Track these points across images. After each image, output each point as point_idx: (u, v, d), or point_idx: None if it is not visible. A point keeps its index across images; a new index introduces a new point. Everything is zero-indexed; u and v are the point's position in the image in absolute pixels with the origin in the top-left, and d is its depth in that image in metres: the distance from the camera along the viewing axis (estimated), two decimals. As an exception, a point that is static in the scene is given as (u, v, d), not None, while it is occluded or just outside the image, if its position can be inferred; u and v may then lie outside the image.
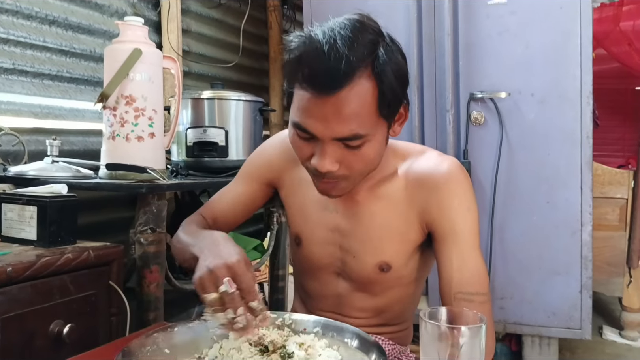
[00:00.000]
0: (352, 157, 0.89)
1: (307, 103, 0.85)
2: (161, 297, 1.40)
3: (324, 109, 0.84)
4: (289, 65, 0.89)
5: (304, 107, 0.86)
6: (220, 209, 1.16)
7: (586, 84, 2.13)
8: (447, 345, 0.67)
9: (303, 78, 0.84)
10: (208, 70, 2.64)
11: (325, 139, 0.87)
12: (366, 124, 0.86)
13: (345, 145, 0.87)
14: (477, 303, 0.91)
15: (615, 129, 4.22)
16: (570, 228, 2.21)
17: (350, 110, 0.84)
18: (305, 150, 0.91)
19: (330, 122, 0.84)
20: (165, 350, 0.83)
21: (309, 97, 0.84)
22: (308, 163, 0.91)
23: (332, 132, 0.85)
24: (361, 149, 0.88)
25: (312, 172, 0.93)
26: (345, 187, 0.94)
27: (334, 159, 0.88)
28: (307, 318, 0.92)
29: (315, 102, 0.84)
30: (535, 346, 2.41)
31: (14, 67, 1.67)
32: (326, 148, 0.87)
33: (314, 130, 0.86)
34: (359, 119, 0.85)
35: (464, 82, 2.28)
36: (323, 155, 0.88)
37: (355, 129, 0.85)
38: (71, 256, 1.13)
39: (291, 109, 0.91)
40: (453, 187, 0.97)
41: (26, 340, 1.04)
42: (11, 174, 1.46)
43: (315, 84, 0.83)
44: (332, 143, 0.87)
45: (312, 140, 0.89)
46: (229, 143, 1.83)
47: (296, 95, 0.88)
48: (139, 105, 1.41)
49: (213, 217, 1.15)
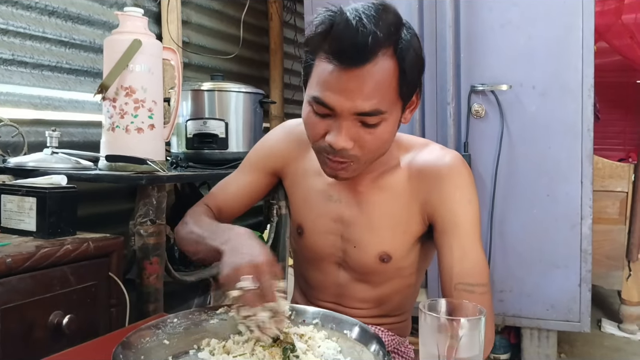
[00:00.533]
0: (368, 136, 0.89)
1: (329, 76, 0.86)
2: (161, 288, 1.41)
3: (347, 82, 0.85)
4: (312, 39, 0.89)
5: (325, 81, 0.86)
6: (225, 198, 1.16)
7: (588, 77, 2.12)
8: (446, 337, 0.67)
9: (329, 50, 0.85)
10: (208, 61, 2.63)
11: (344, 114, 0.87)
12: (386, 101, 0.87)
13: (362, 122, 0.88)
14: (478, 294, 0.92)
15: (616, 122, 4.22)
16: (570, 221, 2.22)
17: (374, 85, 0.85)
18: (320, 127, 0.91)
19: (353, 95, 0.85)
20: (165, 341, 0.83)
21: (332, 70, 0.85)
22: (321, 141, 0.91)
23: (353, 106, 0.86)
24: (377, 127, 0.89)
25: (323, 150, 0.92)
26: (355, 169, 0.94)
27: (349, 136, 0.89)
28: (306, 309, 0.92)
29: (338, 75, 0.85)
30: (534, 339, 2.42)
31: (13, 58, 1.67)
32: (343, 124, 0.88)
33: (334, 104, 0.86)
34: (380, 95, 0.86)
35: (465, 75, 2.27)
36: (339, 131, 0.88)
37: (376, 104, 0.86)
38: (71, 247, 1.13)
39: (309, 84, 0.91)
40: (455, 180, 0.97)
41: (26, 331, 1.04)
42: (10, 165, 1.46)
43: (341, 56, 0.84)
44: (350, 119, 0.87)
45: (328, 117, 0.89)
46: (229, 135, 1.83)
47: (317, 70, 0.88)
48: (139, 97, 1.41)
49: (217, 207, 1.15)
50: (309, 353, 0.81)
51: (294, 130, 1.13)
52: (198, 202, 1.16)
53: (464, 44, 2.25)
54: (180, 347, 0.84)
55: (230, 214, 1.17)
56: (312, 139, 0.94)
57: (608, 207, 2.86)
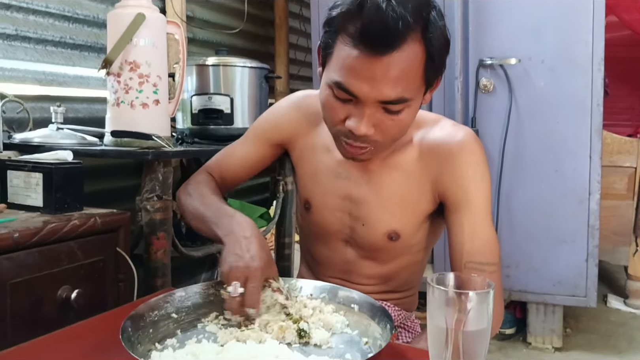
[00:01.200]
0: (390, 122, 0.87)
1: (354, 62, 0.82)
2: (168, 263, 1.41)
3: (373, 70, 0.81)
4: (335, 20, 0.85)
5: (349, 66, 0.83)
6: (228, 167, 1.15)
7: (598, 50, 2.09)
8: (454, 311, 0.67)
9: (355, 34, 0.81)
10: (212, 36, 2.60)
11: (368, 102, 0.84)
12: (412, 89, 0.85)
13: (385, 109, 0.86)
14: (488, 273, 0.91)
15: (625, 98, 4.15)
16: (578, 197, 2.21)
17: (400, 73, 0.82)
18: (340, 112, 0.88)
19: (379, 83, 0.82)
20: (173, 314, 0.84)
21: (357, 56, 0.81)
22: (340, 125, 0.89)
23: (378, 94, 0.83)
24: (400, 114, 0.87)
25: (343, 134, 0.90)
26: (374, 152, 0.93)
27: (371, 123, 0.86)
28: (313, 284, 0.92)
29: (364, 62, 0.81)
30: (540, 314, 2.43)
31: (17, 33, 1.65)
32: (366, 110, 0.85)
33: (358, 92, 0.83)
34: (406, 82, 0.83)
35: (473, 49, 2.24)
36: (361, 118, 0.86)
37: (402, 92, 0.83)
38: (78, 223, 1.14)
39: (330, 67, 0.87)
40: (467, 157, 0.96)
41: (34, 305, 1.05)
42: (16, 141, 1.46)
43: (369, 42, 0.80)
44: (373, 106, 0.85)
45: (349, 102, 0.87)
46: (235, 110, 1.81)
47: (340, 53, 0.84)
48: (143, 72, 1.39)
49: (221, 175, 1.14)
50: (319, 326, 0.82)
51: (302, 102, 1.12)
52: (200, 169, 1.16)
53: (473, 17, 2.22)
54: (188, 321, 0.85)
55: (232, 183, 1.17)
56: (331, 123, 0.92)
57: (616, 182, 2.84)
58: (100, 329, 0.84)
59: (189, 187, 1.09)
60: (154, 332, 0.79)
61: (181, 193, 1.09)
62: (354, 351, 0.77)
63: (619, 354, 2.40)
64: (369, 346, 0.78)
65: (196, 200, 1.03)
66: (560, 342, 2.44)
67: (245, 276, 0.81)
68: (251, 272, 0.82)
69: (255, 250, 0.85)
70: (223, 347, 0.75)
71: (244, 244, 0.85)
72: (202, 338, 0.80)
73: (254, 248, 0.85)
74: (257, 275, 0.82)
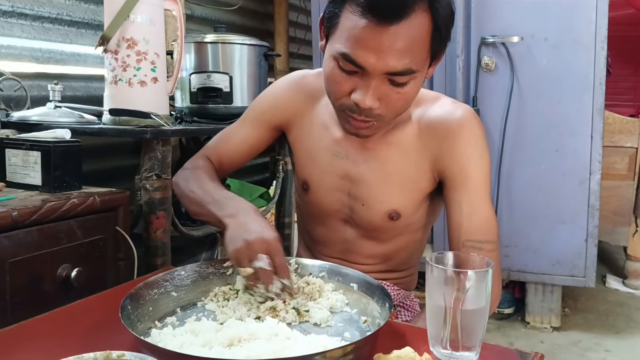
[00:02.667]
0: (395, 95, 0.86)
1: (361, 32, 0.81)
2: (168, 242, 1.41)
3: (381, 40, 0.80)
4: None
5: (356, 37, 0.82)
6: (226, 152, 1.14)
7: (601, 28, 2.06)
8: (453, 289, 0.67)
9: (363, 3, 0.80)
10: (211, 13, 2.56)
11: (374, 73, 0.83)
12: (418, 60, 0.84)
13: (391, 81, 0.85)
14: (486, 251, 0.91)
15: (628, 77, 4.12)
16: (578, 177, 2.20)
17: (408, 43, 0.81)
18: (345, 85, 0.87)
19: (387, 54, 0.81)
20: (173, 293, 0.84)
21: (365, 26, 0.80)
22: (345, 99, 0.88)
23: (385, 65, 0.82)
24: (405, 87, 0.86)
25: (347, 108, 0.90)
26: (378, 127, 0.92)
27: (377, 96, 0.86)
28: (312, 263, 0.92)
29: (372, 32, 0.80)
30: (539, 293, 2.44)
31: (13, 9, 1.63)
32: (372, 83, 0.84)
33: (365, 63, 0.82)
34: (413, 53, 0.83)
35: (475, 26, 2.21)
36: (367, 90, 0.85)
37: (409, 64, 0.83)
38: (77, 201, 1.13)
39: (335, 38, 0.86)
40: (466, 135, 0.95)
41: (34, 284, 1.05)
42: (14, 119, 1.44)
43: (377, 11, 0.79)
44: (379, 78, 0.84)
45: (355, 74, 0.86)
46: (234, 89, 1.80)
47: (345, 23, 0.83)
48: (141, 49, 1.38)
49: (218, 160, 1.13)
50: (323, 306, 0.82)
51: (300, 82, 1.10)
52: (197, 154, 1.14)
53: (475, -6, 2.19)
54: (188, 299, 0.85)
55: (230, 167, 1.16)
56: (335, 96, 0.90)
57: (617, 162, 2.83)
58: (100, 307, 0.84)
59: (186, 172, 1.08)
60: (153, 310, 0.79)
61: (178, 178, 1.08)
62: (353, 329, 0.77)
63: (616, 334, 2.42)
64: (367, 324, 0.78)
65: (194, 185, 1.02)
66: (559, 321, 2.46)
67: (266, 248, 0.80)
68: (271, 244, 0.81)
69: (265, 225, 0.84)
70: (222, 325, 0.76)
71: (252, 222, 0.85)
72: (202, 316, 0.81)
73: (263, 223, 0.85)
74: (279, 246, 0.82)
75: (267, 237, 0.81)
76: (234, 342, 0.69)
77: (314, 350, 0.63)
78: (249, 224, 0.84)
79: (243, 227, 0.84)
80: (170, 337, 0.70)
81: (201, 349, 0.67)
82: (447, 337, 0.67)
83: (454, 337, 0.67)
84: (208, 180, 1.03)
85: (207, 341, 0.69)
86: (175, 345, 0.67)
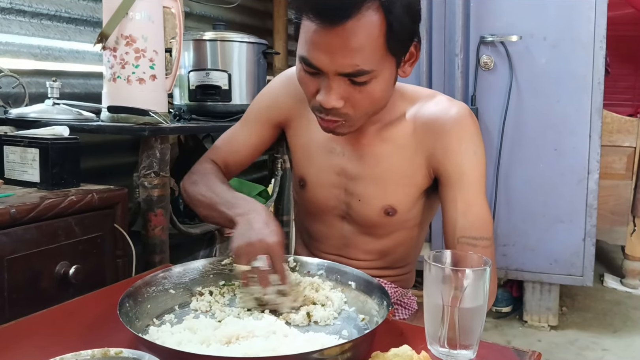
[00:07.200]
0: (358, 94, 0.87)
1: (313, 35, 0.83)
2: (166, 240, 1.41)
3: (329, 41, 0.82)
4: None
5: (310, 40, 0.84)
6: (231, 153, 1.15)
7: (600, 27, 2.06)
8: (450, 288, 0.67)
9: (310, 8, 0.82)
10: (210, 11, 2.56)
11: (330, 74, 0.85)
12: (372, 60, 0.84)
13: (351, 81, 0.86)
14: (481, 248, 0.91)
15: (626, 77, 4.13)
16: (576, 176, 2.21)
17: (357, 43, 0.81)
18: (311, 86, 0.89)
19: (336, 55, 0.82)
20: (171, 290, 0.84)
21: (315, 29, 0.82)
22: (314, 100, 0.90)
23: (336, 65, 0.83)
24: (367, 86, 0.86)
25: (317, 109, 0.91)
26: (350, 126, 0.93)
27: (338, 95, 0.86)
28: (311, 261, 0.93)
29: (321, 34, 0.82)
30: (536, 292, 2.45)
31: (12, 6, 1.62)
32: (331, 83, 0.85)
33: (319, 64, 0.84)
34: (364, 53, 0.83)
35: (474, 25, 2.21)
36: (328, 90, 0.86)
37: (360, 65, 0.83)
38: (75, 198, 1.13)
39: (299, 43, 0.88)
40: (461, 132, 0.96)
41: (32, 281, 1.05)
42: (12, 116, 1.44)
43: (322, 14, 0.81)
44: (338, 78, 0.85)
45: (318, 75, 0.87)
46: (232, 87, 1.79)
47: (303, 28, 0.86)
48: (140, 46, 1.37)
49: (224, 162, 1.14)
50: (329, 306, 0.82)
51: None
52: (203, 158, 1.15)
53: (474, -7, 2.19)
54: (186, 297, 0.85)
55: (237, 168, 1.16)
56: (307, 97, 0.93)
57: (615, 162, 2.83)
58: (99, 304, 0.84)
59: (194, 176, 1.08)
60: (151, 308, 0.79)
61: (187, 183, 1.08)
62: (351, 327, 0.78)
63: (614, 333, 2.43)
64: (365, 322, 0.78)
65: (203, 188, 1.03)
66: (556, 320, 2.47)
67: (266, 251, 0.81)
68: (274, 248, 0.82)
69: (272, 227, 0.85)
70: (220, 322, 0.76)
71: (260, 222, 0.86)
72: (200, 314, 0.81)
73: (271, 224, 0.86)
74: (280, 251, 0.83)
75: (269, 240, 0.82)
76: (232, 340, 0.69)
77: (311, 348, 0.63)
78: (257, 224, 0.85)
79: (251, 225, 0.85)
80: (169, 334, 0.71)
81: (199, 347, 0.67)
82: (444, 336, 0.68)
83: (451, 336, 0.67)
84: (218, 182, 1.04)
85: (205, 338, 0.69)
86: (173, 343, 0.67)
